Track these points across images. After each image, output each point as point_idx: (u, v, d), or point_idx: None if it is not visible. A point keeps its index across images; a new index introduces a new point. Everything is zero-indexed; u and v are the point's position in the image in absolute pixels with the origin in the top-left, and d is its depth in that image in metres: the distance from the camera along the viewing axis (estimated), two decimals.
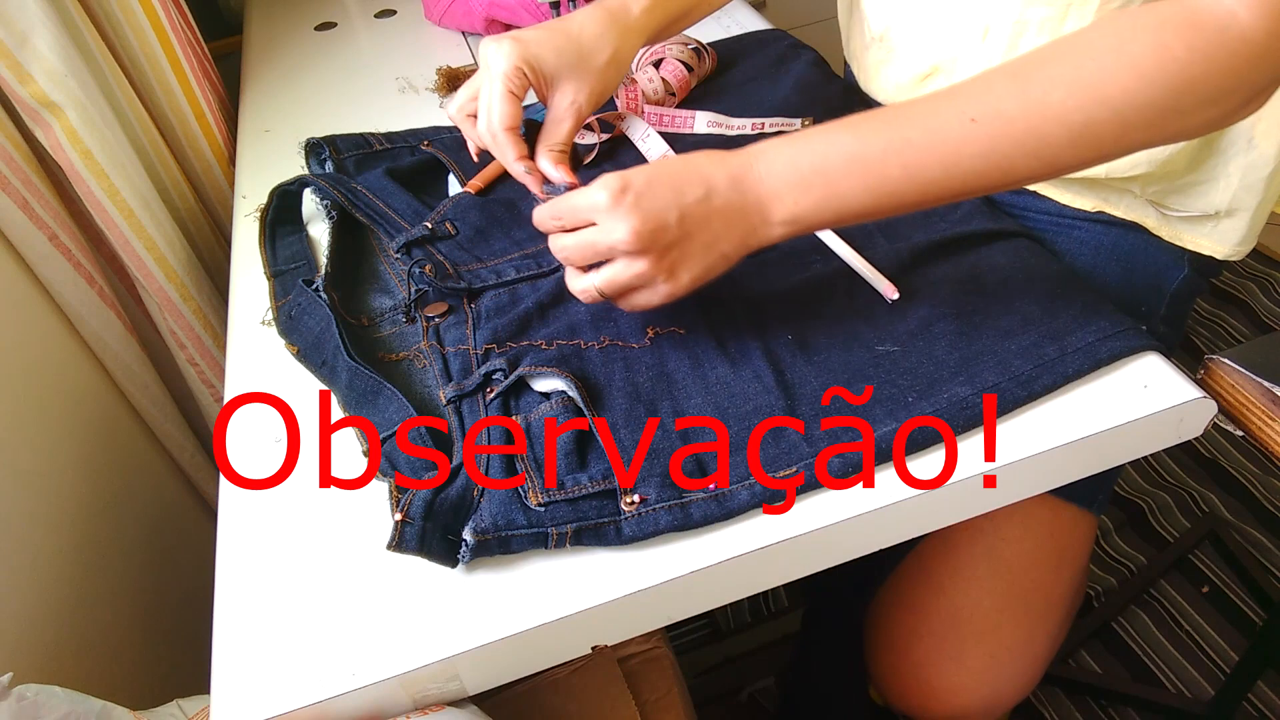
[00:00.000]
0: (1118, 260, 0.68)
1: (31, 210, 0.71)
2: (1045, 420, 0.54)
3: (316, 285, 0.66)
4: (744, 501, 0.50)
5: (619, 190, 0.50)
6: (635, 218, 0.50)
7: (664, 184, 0.50)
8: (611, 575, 0.49)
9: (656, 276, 0.52)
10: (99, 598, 0.73)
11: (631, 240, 0.50)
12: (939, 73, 0.69)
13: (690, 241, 0.51)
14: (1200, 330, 1.62)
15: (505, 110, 0.56)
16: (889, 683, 0.76)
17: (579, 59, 0.58)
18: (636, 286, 0.53)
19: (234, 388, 0.63)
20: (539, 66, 0.57)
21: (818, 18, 1.41)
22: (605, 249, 0.51)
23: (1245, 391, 0.55)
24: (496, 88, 0.56)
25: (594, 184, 0.51)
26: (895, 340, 0.58)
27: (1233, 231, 0.64)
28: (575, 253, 0.52)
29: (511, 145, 0.56)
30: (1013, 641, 0.71)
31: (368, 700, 0.46)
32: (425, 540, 0.48)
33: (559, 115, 0.58)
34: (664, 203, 0.50)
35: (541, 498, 0.50)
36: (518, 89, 0.57)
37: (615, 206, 0.50)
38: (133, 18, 0.82)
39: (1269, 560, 1.28)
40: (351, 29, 1.10)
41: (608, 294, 0.53)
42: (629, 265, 0.51)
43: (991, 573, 0.71)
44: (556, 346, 0.59)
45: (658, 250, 0.51)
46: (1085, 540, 0.74)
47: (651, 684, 0.67)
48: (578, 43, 0.59)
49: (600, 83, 0.59)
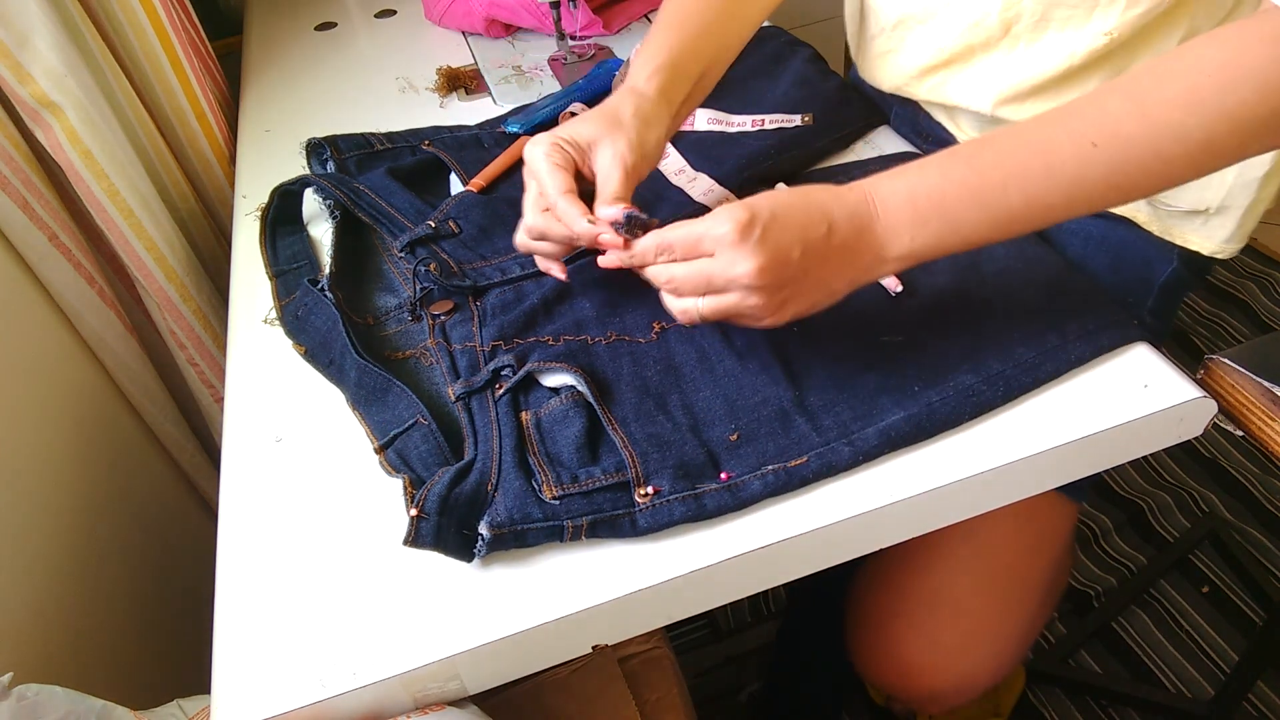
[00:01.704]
0: (1106, 252, 0.69)
1: (31, 210, 0.71)
2: (1046, 420, 0.54)
3: (322, 285, 0.66)
4: (757, 491, 0.50)
5: (746, 223, 0.49)
6: (763, 254, 0.49)
7: (791, 219, 0.50)
8: (612, 575, 0.49)
9: (768, 310, 0.51)
10: (99, 598, 0.73)
11: (755, 276, 0.49)
12: (952, 62, 0.69)
13: (807, 279, 0.51)
14: (1200, 330, 1.62)
15: (558, 179, 0.56)
16: (866, 660, 0.77)
17: (607, 120, 0.59)
18: (743, 315, 0.52)
19: (234, 388, 0.63)
20: (574, 139, 0.57)
21: (818, 18, 1.41)
22: (724, 282, 0.50)
23: (1245, 391, 0.55)
24: (543, 165, 0.56)
25: (715, 215, 0.50)
26: (899, 331, 0.59)
27: (1221, 229, 0.64)
28: (687, 284, 0.51)
29: (574, 206, 0.55)
30: (988, 622, 0.72)
31: (368, 700, 0.46)
32: (441, 535, 0.48)
33: (607, 172, 0.58)
34: (790, 239, 0.49)
35: (556, 490, 0.50)
36: (562, 162, 0.56)
37: (742, 241, 0.49)
38: (133, 17, 0.81)
39: (1269, 560, 1.28)
40: (351, 29, 1.10)
41: (711, 319, 0.52)
42: (744, 298, 0.50)
43: (969, 554, 0.71)
44: (564, 342, 0.59)
45: (776, 285, 0.50)
46: (1065, 526, 0.74)
47: (651, 684, 0.67)
48: (600, 112, 0.60)
49: (636, 135, 0.59)
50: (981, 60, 0.67)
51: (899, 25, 0.71)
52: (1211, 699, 1.11)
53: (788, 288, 0.51)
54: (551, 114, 0.84)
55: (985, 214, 0.50)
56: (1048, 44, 0.63)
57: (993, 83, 0.67)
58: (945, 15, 0.67)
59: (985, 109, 0.68)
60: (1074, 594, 1.28)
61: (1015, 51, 0.65)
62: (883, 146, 0.79)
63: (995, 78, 0.66)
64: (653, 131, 0.60)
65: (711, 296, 0.51)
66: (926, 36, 0.69)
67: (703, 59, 0.65)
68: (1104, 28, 0.60)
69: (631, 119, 0.59)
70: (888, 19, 0.71)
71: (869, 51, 0.76)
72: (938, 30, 0.68)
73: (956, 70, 0.69)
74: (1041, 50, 0.63)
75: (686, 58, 0.63)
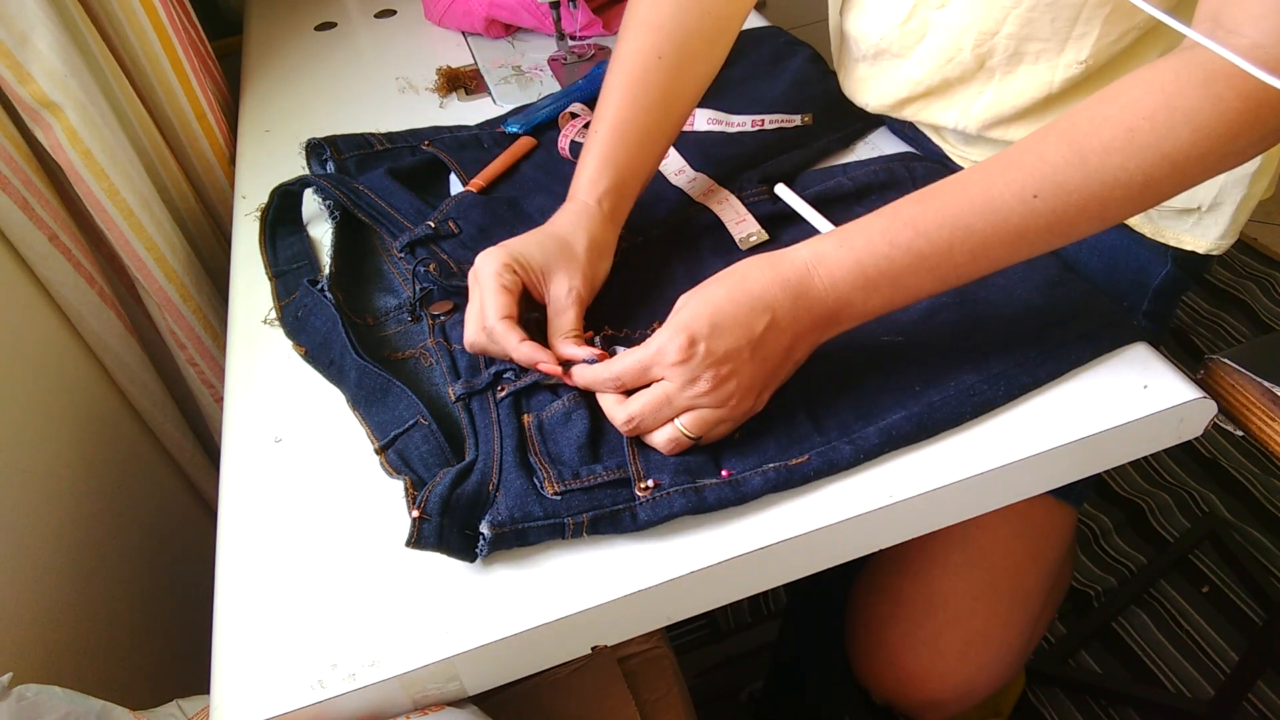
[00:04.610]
0: (1100, 255, 0.69)
1: (31, 210, 0.71)
2: (1045, 420, 0.54)
3: (322, 285, 0.66)
4: (757, 487, 0.51)
5: (686, 344, 0.49)
6: (711, 368, 0.50)
7: (732, 324, 0.50)
8: (611, 575, 0.49)
9: (745, 403, 0.52)
10: (99, 598, 0.73)
11: (713, 390, 0.50)
12: (930, 94, 0.70)
13: (767, 364, 0.51)
14: (1200, 330, 1.62)
15: (499, 301, 0.56)
16: (865, 666, 0.77)
17: (562, 250, 0.59)
18: (724, 419, 0.52)
19: (234, 388, 0.63)
20: (527, 262, 0.58)
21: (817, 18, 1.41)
22: (686, 403, 0.51)
23: (1245, 391, 0.55)
24: (489, 284, 0.57)
25: (655, 339, 0.51)
26: (899, 331, 0.59)
27: (1215, 226, 0.64)
28: (651, 415, 0.52)
29: (511, 331, 0.55)
30: (987, 629, 0.71)
31: (367, 700, 0.46)
32: (443, 536, 0.48)
33: (561, 305, 0.58)
34: (736, 342, 0.50)
35: (558, 487, 0.50)
36: (510, 284, 0.57)
37: (687, 361, 0.49)
38: (133, 17, 0.81)
39: (1269, 560, 1.28)
40: (351, 29, 1.10)
41: (695, 433, 0.52)
42: (715, 412, 0.51)
43: (966, 560, 0.71)
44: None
45: (742, 386, 0.51)
46: (1063, 531, 0.74)
47: (651, 684, 0.67)
48: (556, 237, 0.60)
49: (590, 268, 0.60)
50: (960, 92, 0.68)
51: (878, 56, 0.72)
52: (1211, 699, 1.11)
53: (754, 381, 0.51)
54: (551, 114, 0.84)
55: (932, 275, 0.51)
56: (1023, 76, 0.64)
57: (974, 110, 0.68)
58: (920, 52, 0.68)
59: (971, 130, 0.69)
60: (1074, 594, 1.28)
61: (991, 84, 0.66)
62: (882, 147, 0.79)
63: (976, 106, 0.67)
64: (604, 263, 0.62)
65: (689, 418, 0.51)
66: (904, 70, 0.70)
67: (643, 174, 0.66)
68: (1077, 58, 0.61)
69: (585, 253, 0.60)
70: (867, 48, 0.72)
71: (851, 75, 0.77)
72: (914, 65, 0.69)
73: (936, 99, 0.70)
74: (1018, 81, 0.64)
75: (632, 176, 0.65)
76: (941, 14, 0.65)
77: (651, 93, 0.65)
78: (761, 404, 0.53)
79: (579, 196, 0.63)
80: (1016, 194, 0.49)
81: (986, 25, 0.63)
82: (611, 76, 0.66)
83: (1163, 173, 0.47)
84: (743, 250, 0.68)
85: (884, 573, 0.76)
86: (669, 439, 0.52)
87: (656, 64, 0.65)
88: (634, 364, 0.52)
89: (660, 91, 0.65)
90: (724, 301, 0.51)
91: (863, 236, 0.51)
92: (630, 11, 0.68)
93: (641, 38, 0.65)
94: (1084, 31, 0.60)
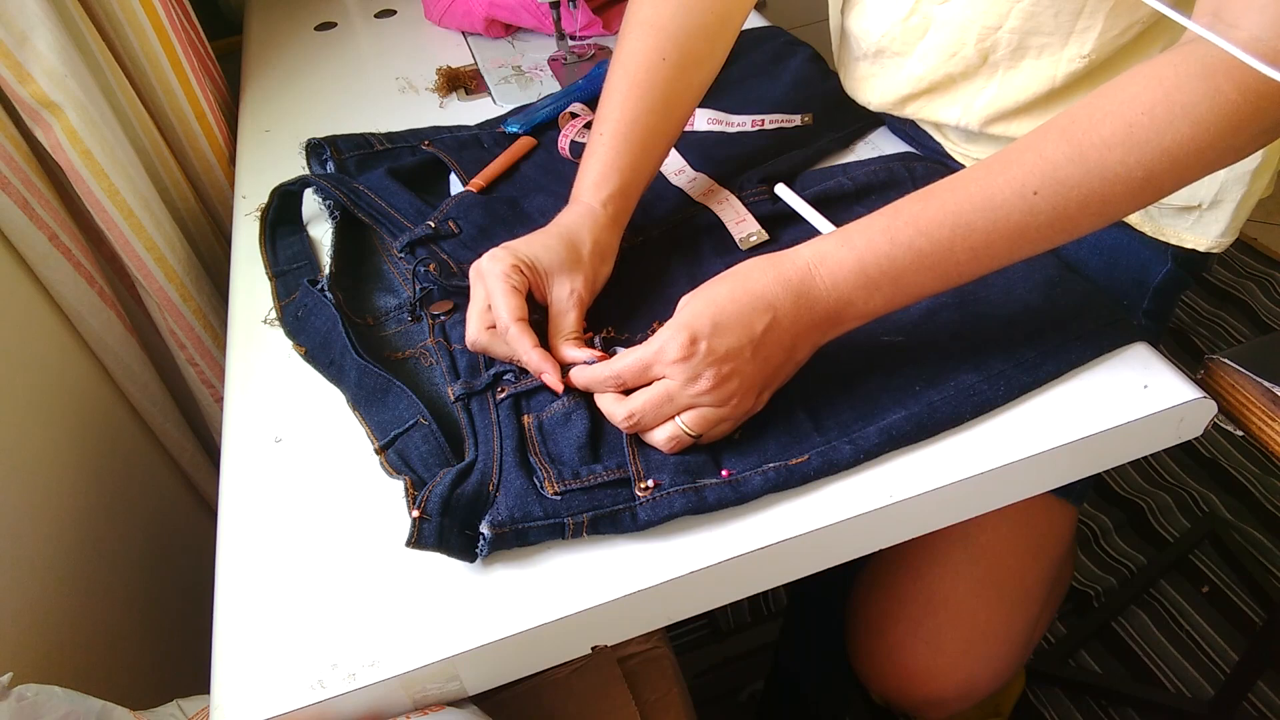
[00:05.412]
0: (1100, 254, 0.69)
1: (31, 210, 0.71)
2: (1045, 420, 0.54)
3: (322, 285, 0.66)
4: (757, 486, 0.51)
5: (688, 342, 0.49)
6: (713, 366, 0.49)
7: (734, 323, 0.50)
8: (611, 575, 0.49)
9: (746, 403, 0.52)
10: (99, 598, 0.73)
11: (715, 388, 0.50)
12: (933, 90, 0.70)
13: (768, 364, 0.51)
14: (1200, 330, 1.62)
15: (511, 304, 0.56)
16: (866, 665, 0.77)
17: (567, 252, 0.59)
18: (725, 418, 0.52)
19: (234, 388, 0.63)
20: (534, 263, 0.58)
21: (817, 18, 1.41)
22: (687, 401, 0.51)
23: (1245, 391, 0.55)
24: (499, 285, 0.56)
25: (657, 338, 0.51)
26: (900, 331, 0.59)
27: (1215, 224, 0.64)
28: (652, 412, 0.52)
29: (524, 335, 0.55)
30: (988, 628, 0.71)
31: (367, 700, 0.46)
32: (443, 536, 0.48)
33: (562, 307, 0.58)
34: (737, 341, 0.50)
35: (558, 487, 0.50)
36: (519, 284, 0.57)
37: (689, 359, 0.50)
38: (133, 18, 0.81)
39: (1269, 560, 1.28)
40: (351, 29, 1.10)
41: (696, 431, 0.52)
42: (716, 410, 0.51)
43: (967, 559, 0.71)
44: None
45: (743, 385, 0.51)
46: (1063, 530, 0.74)
47: (651, 684, 0.67)
48: (560, 239, 0.60)
49: (592, 271, 0.60)
50: (963, 87, 0.68)
51: (879, 54, 0.72)
52: (1211, 699, 1.11)
53: (755, 380, 0.51)
54: (551, 114, 0.84)
55: (934, 274, 0.51)
56: (1026, 70, 0.64)
57: (977, 106, 0.68)
58: (923, 48, 0.68)
59: (973, 127, 0.69)
60: (1074, 594, 1.28)
61: (995, 79, 0.66)
62: (882, 147, 0.79)
63: (978, 102, 0.67)
64: (606, 266, 0.62)
65: (689, 416, 0.51)
66: (906, 67, 0.70)
67: (646, 177, 0.66)
68: (1080, 51, 0.61)
69: (589, 256, 0.60)
70: (868, 46, 0.72)
71: (852, 73, 0.77)
72: (916, 62, 0.69)
73: (939, 95, 0.70)
74: (1021, 76, 0.64)
75: (636, 179, 0.65)
76: (943, 10, 0.65)
77: (655, 94, 0.65)
78: (762, 403, 0.53)
79: (583, 199, 0.63)
80: (1017, 191, 0.49)
81: (990, 20, 0.63)
82: (614, 78, 0.66)
83: (1163, 167, 0.47)
84: (743, 250, 0.68)
85: (884, 572, 0.76)
86: (669, 436, 0.52)
87: (660, 65, 0.65)
88: (635, 362, 0.52)
89: (663, 93, 0.65)
90: (726, 301, 0.51)
91: (864, 236, 0.51)
92: (631, 12, 0.67)
93: (644, 39, 0.65)
94: (1087, 25, 0.60)
